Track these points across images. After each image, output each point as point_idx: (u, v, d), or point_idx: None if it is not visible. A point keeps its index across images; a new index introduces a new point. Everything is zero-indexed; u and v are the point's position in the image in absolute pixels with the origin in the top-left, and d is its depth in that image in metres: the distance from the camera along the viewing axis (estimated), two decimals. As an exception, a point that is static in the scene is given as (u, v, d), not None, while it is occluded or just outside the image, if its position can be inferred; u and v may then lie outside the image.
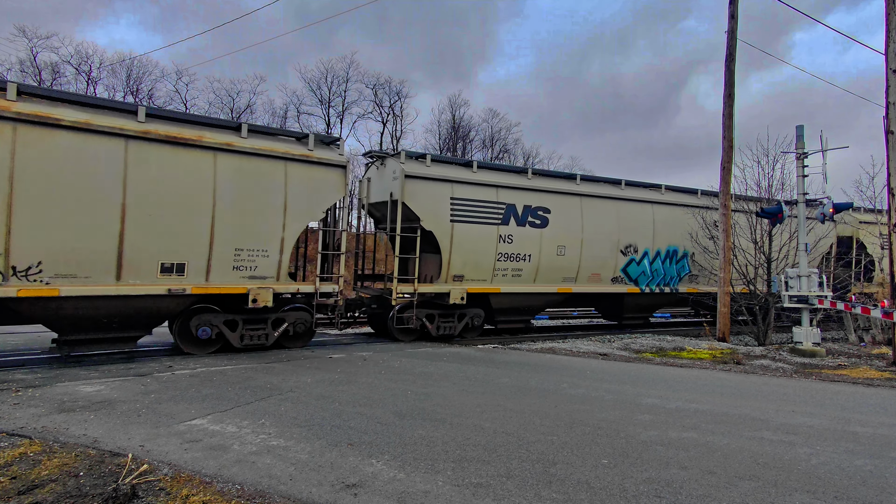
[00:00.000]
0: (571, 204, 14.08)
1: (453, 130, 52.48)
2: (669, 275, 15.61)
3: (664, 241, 15.48)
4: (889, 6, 9.78)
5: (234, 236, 9.76)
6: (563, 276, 14.02)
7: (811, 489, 3.89)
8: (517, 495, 3.67)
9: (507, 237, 13.04)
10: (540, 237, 13.51)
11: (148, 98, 42.12)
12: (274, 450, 4.52)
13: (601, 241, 14.43)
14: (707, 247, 15.77)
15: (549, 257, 13.67)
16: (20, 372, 7.98)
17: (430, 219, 12.20)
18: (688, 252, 15.85)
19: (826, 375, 9.23)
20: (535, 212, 13.47)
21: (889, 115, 9.82)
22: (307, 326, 10.82)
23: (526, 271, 13.44)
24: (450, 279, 12.56)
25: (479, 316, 13.22)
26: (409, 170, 12.00)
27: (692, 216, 15.69)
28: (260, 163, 10.05)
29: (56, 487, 3.70)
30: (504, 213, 13.04)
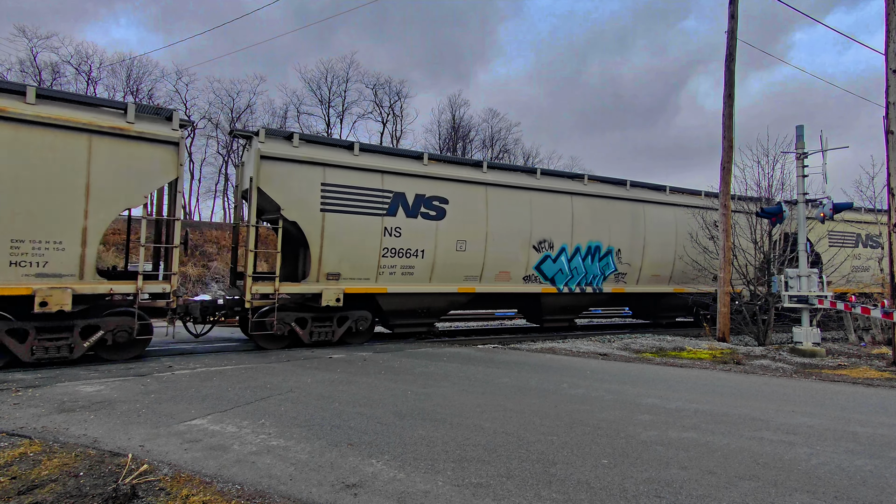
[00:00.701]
0: (474, 194, 12.73)
1: (453, 130, 52.51)
2: (592, 273, 14.52)
3: (585, 237, 14.37)
4: (889, 6, 9.78)
5: (11, 224, 8.09)
6: (465, 275, 12.74)
7: (811, 489, 3.89)
8: (517, 495, 3.67)
9: (393, 230, 11.61)
10: (435, 231, 12.15)
11: (148, 98, 42.14)
12: (274, 450, 4.52)
13: (510, 235, 13.17)
14: (707, 247, 15.76)
15: (446, 253, 12.33)
16: (20, 372, 7.98)
17: (293, 207, 10.70)
18: (612, 248, 14.78)
19: (826, 375, 9.23)
20: (429, 202, 12.07)
21: (889, 115, 9.82)
22: (130, 334, 9.04)
23: (419, 269, 12.08)
24: (322, 277, 11.05)
25: (366, 319, 11.78)
26: (268, 150, 10.55)
27: (619, 209, 14.84)
28: (51, 135, 8.36)
29: (56, 487, 3.70)
30: (391, 202, 11.58)
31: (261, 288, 10.55)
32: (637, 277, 15.31)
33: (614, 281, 14.97)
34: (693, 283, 15.97)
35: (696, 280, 16.13)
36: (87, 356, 9.06)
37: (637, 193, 15.33)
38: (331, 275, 11.15)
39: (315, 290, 10.99)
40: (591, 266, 14.51)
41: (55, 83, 39.14)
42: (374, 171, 11.55)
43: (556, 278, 14.00)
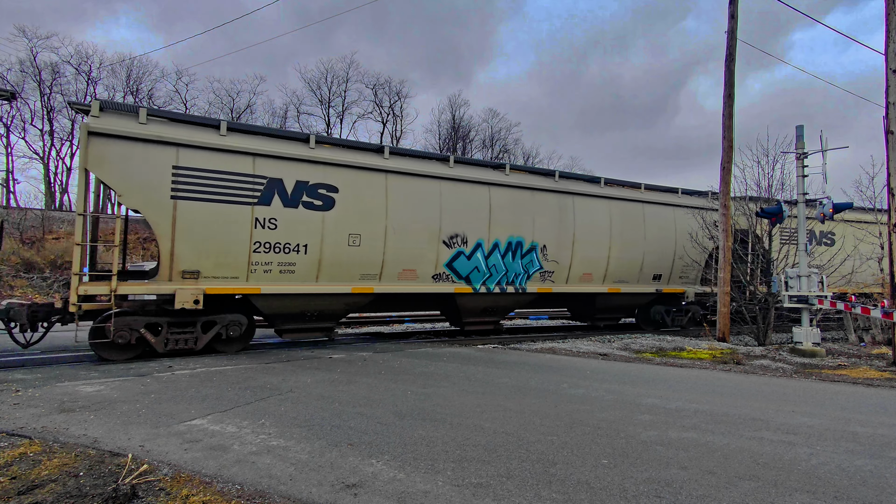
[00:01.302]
0: (372, 182, 11.31)
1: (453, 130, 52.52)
2: (514, 271, 13.30)
3: (505, 232, 13.09)
4: (889, 6, 9.78)
5: None
6: (362, 273, 11.32)
7: (811, 489, 3.89)
8: (517, 495, 3.67)
9: (268, 221, 10.08)
10: (322, 223, 10.67)
11: (148, 98, 42.14)
12: (274, 450, 4.52)
13: (416, 229, 11.82)
14: (706, 247, 15.76)
15: (336, 248, 10.86)
16: (20, 372, 7.98)
17: (134, 193, 9.20)
18: (537, 244, 13.51)
19: (826, 375, 9.23)
20: (313, 190, 10.58)
21: (889, 115, 9.82)
22: None
23: (302, 266, 10.57)
24: (176, 276, 9.55)
25: (239, 324, 10.18)
26: (101, 126, 8.99)
27: (544, 202, 13.59)
28: None
29: (56, 487, 3.70)
30: (264, 189, 10.04)
31: (91, 288, 9.05)
32: (566, 276, 14.10)
33: (540, 280, 13.73)
34: (632, 282, 15.19)
35: (683, 279, 15.81)
36: None
37: (566, 185, 14.18)
38: (187, 273, 9.61)
39: (166, 290, 9.44)
40: (512, 264, 13.25)
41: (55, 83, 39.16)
42: (243, 153, 9.97)
43: (472, 277, 12.76)
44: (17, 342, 9.21)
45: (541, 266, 13.69)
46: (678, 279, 16.09)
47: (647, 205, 15.56)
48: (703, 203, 16.53)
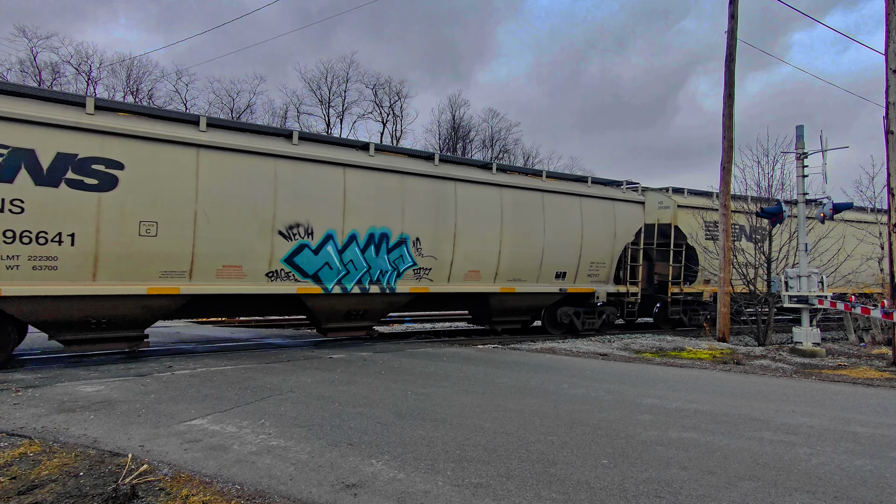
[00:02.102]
0: (177, 158, 9.26)
1: (453, 130, 52.53)
2: (379, 268, 11.49)
3: (365, 222, 11.24)
4: (889, 6, 9.78)
5: None
6: (163, 270, 9.25)
7: (811, 489, 3.89)
8: (517, 495, 3.67)
9: (8, 204, 7.94)
10: (97, 207, 8.56)
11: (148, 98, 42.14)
12: (274, 450, 4.52)
13: (240, 217, 9.78)
14: (707, 247, 15.74)
15: (122, 239, 8.81)
16: (20, 372, 7.98)
17: None
18: (407, 237, 11.70)
19: (826, 375, 9.24)
20: (84, 165, 8.47)
21: (889, 115, 9.82)
22: None
23: (68, 261, 8.43)
24: None
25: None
26: None
27: (418, 188, 11.91)
28: None
29: (56, 487, 3.70)
30: (3, 163, 7.88)
31: None
32: (448, 274, 12.37)
33: (414, 278, 11.98)
34: (529, 281, 13.73)
35: (592, 278, 14.61)
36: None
37: (447, 170, 12.40)
38: None
39: None
40: (376, 259, 11.41)
41: (55, 83, 39.16)
42: None
43: (323, 275, 10.84)
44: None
45: (414, 262, 11.91)
46: (586, 278, 14.71)
47: (549, 194, 13.95)
48: (617, 194, 15.39)
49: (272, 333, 14.17)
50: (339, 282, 11.11)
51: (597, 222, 14.73)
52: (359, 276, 11.35)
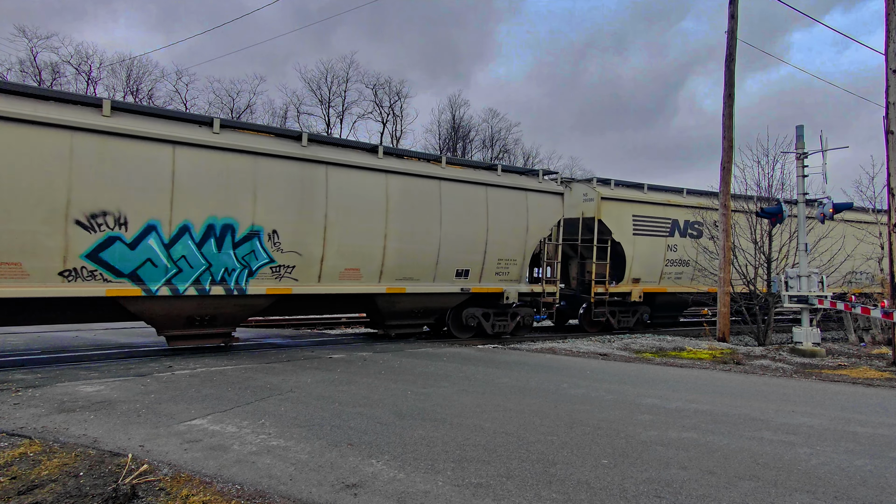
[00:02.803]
0: None
1: (453, 130, 52.52)
2: (224, 265, 9.78)
3: (202, 211, 9.52)
4: (889, 6, 9.78)
5: None
6: None
7: (811, 489, 3.89)
8: (517, 495, 3.67)
9: None
10: None
11: (148, 98, 42.13)
12: (274, 450, 4.52)
13: (20, 203, 8.08)
14: (707, 247, 15.70)
15: None
16: (20, 372, 7.98)
17: None
18: (261, 229, 10.03)
19: (826, 375, 9.24)
20: None
21: (889, 115, 9.82)
22: None
23: None
24: None
25: None
26: None
27: (279, 172, 10.23)
28: None
29: (56, 487, 3.70)
30: None
31: None
32: (318, 272, 10.74)
33: (273, 277, 10.31)
34: (424, 280, 12.29)
35: (501, 277, 13.26)
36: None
37: (317, 152, 10.75)
38: None
39: None
40: (218, 255, 9.70)
41: (55, 83, 39.17)
42: None
43: (145, 273, 9.13)
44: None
45: (270, 258, 10.21)
46: (494, 276, 13.28)
47: (448, 183, 12.39)
48: (531, 184, 13.88)
49: (272, 333, 14.17)
50: (169, 282, 9.35)
51: (506, 215, 13.21)
52: (195, 275, 9.58)
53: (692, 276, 16.67)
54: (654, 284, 16.29)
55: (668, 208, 16.49)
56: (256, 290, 10.17)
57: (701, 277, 16.40)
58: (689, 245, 16.49)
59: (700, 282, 16.53)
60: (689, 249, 16.46)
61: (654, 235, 16.14)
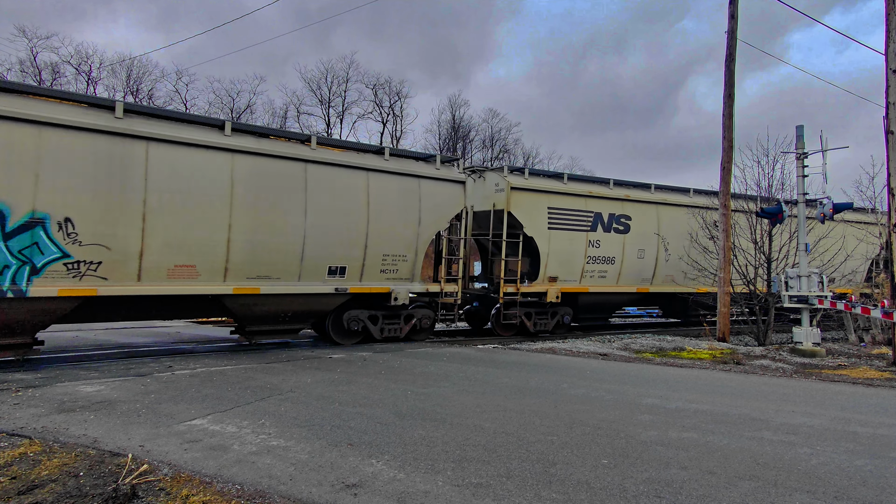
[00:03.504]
0: None
1: (453, 130, 52.52)
2: None
3: None
4: (889, 6, 9.78)
5: None
6: None
7: (811, 489, 3.89)
8: (517, 495, 3.67)
9: None
10: None
11: (148, 98, 42.12)
12: (274, 450, 4.52)
13: None
14: (707, 247, 15.67)
15: None
16: (20, 372, 7.98)
17: None
18: (47, 217, 8.25)
19: (826, 375, 9.24)
20: None
21: (889, 115, 9.82)
22: None
23: None
24: None
25: None
26: None
27: (72, 146, 8.42)
28: None
29: (56, 487, 3.70)
30: None
31: None
32: (137, 269, 8.98)
33: (69, 275, 8.50)
34: (287, 278, 10.58)
35: (388, 275, 11.62)
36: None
37: (134, 125, 8.99)
38: None
39: None
40: None
41: (55, 83, 39.18)
42: None
43: None
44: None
45: (64, 252, 8.43)
46: (379, 274, 11.64)
47: (316, 166, 10.74)
48: (425, 170, 12.24)
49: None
50: None
51: (393, 205, 11.60)
52: None
53: (618, 274, 15.20)
54: (573, 284, 14.60)
55: (590, 200, 14.78)
56: (41, 291, 8.28)
57: (630, 277, 15.41)
58: (615, 241, 15.07)
59: (627, 281, 15.30)
60: (613, 245, 15.05)
61: (572, 230, 14.47)
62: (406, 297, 12.02)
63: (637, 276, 15.58)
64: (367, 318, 11.79)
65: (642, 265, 15.60)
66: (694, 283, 16.00)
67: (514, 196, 13.69)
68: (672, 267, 15.96)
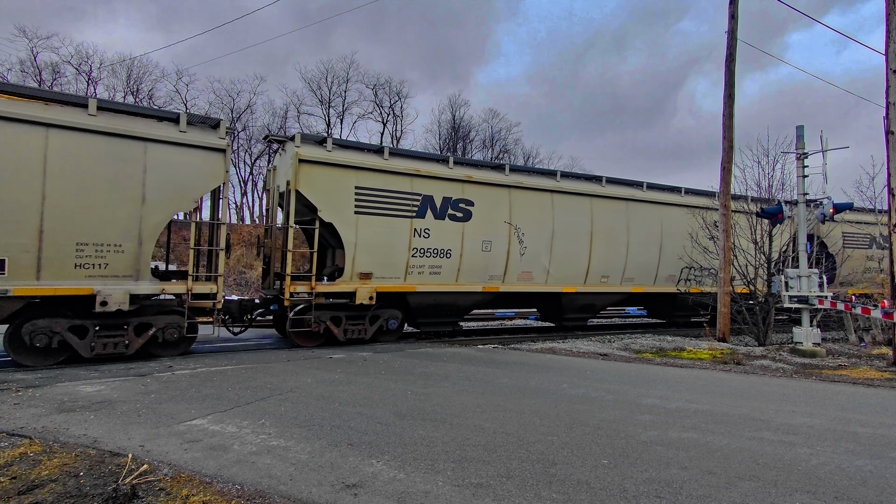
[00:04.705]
0: None
1: (453, 131, 52.51)
2: None
3: None
4: (889, 6, 9.78)
5: None
6: None
7: (811, 489, 3.89)
8: (517, 495, 3.67)
9: None
10: None
11: (148, 98, 42.12)
12: (274, 450, 4.52)
13: None
14: (707, 247, 15.66)
15: None
16: (20, 372, 7.98)
17: None
18: None
19: (826, 376, 9.23)
20: None
21: (889, 115, 9.82)
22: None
23: None
24: None
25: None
26: None
27: None
28: None
29: (56, 487, 3.70)
30: None
31: None
32: None
33: None
34: None
35: (92, 270, 8.46)
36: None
37: None
38: None
39: None
40: None
41: (55, 84, 39.17)
42: None
43: None
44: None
45: None
46: (73, 270, 8.66)
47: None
48: (156, 131, 9.41)
49: (272, 333, 14.16)
50: None
51: (95, 175, 8.83)
52: None
53: (457, 269, 12.57)
54: (396, 282, 11.93)
55: (417, 180, 12.04)
56: None
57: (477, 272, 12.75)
58: (451, 230, 12.44)
59: (470, 278, 12.71)
60: (449, 235, 12.41)
61: (392, 215, 11.80)
62: (125, 299, 9.01)
63: (483, 273, 12.98)
64: (68, 328, 8.78)
65: (489, 260, 12.97)
66: (569, 281, 14.10)
67: (304, 171, 10.97)
68: (531, 262, 13.56)
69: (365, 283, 11.64)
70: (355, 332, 11.75)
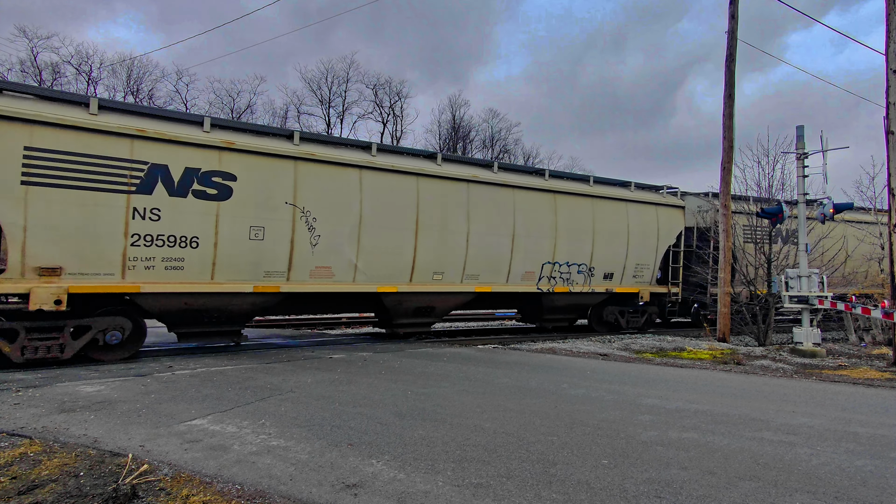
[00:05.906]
0: None
1: (453, 131, 52.52)
2: None
3: None
4: (889, 6, 9.78)
5: None
6: None
7: (811, 489, 3.89)
8: (517, 495, 3.66)
9: None
10: None
11: (148, 98, 42.11)
12: (274, 450, 4.52)
13: None
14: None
15: None
16: (20, 372, 7.98)
17: None
18: None
19: (826, 376, 9.23)
20: None
21: (889, 115, 9.81)
22: None
23: None
24: None
25: None
26: None
27: None
28: None
29: (56, 487, 3.70)
30: None
31: None
32: None
33: None
34: None
35: None
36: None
37: None
38: None
39: None
40: None
41: (55, 84, 39.19)
42: None
43: None
44: None
45: None
46: None
47: None
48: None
49: (272, 333, 14.17)
50: None
51: None
52: None
53: (211, 263, 9.69)
54: (109, 279, 8.89)
55: (141, 143, 9.05)
56: None
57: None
58: (200, 211, 9.52)
59: (234, 274, 9.89)
60: (195, 218, 9.48)
61: (91, 188, 8.69)
62: None
63: (254, 268, 10.17)
64: None
65: (262, 251, 10.15)
66: (389, 279, 11.63)
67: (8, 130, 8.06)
68: (329, 255, 10.85)
69: (48, 282, 8.37)
70: (44, 349, 8.47)
